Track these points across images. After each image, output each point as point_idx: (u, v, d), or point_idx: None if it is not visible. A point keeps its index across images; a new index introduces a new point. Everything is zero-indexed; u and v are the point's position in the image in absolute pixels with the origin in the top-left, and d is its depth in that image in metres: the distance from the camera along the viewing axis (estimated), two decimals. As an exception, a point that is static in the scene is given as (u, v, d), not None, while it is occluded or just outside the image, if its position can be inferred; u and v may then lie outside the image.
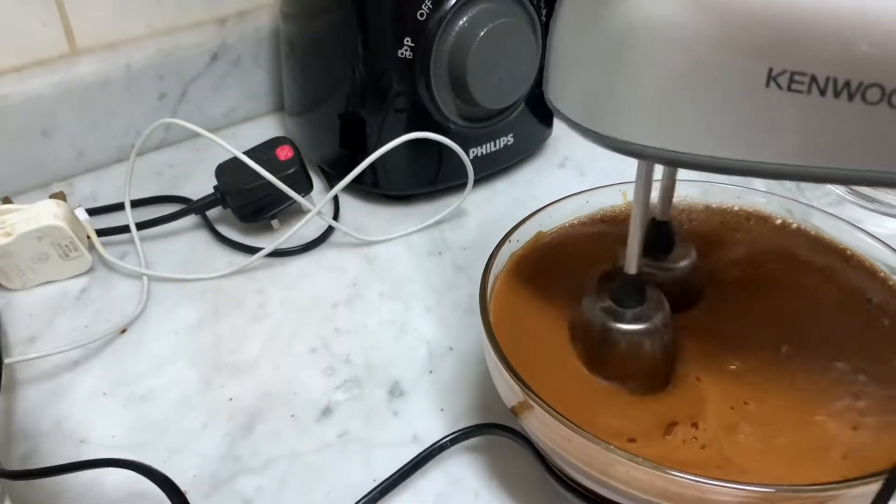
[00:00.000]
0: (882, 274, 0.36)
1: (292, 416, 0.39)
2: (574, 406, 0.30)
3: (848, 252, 0.38)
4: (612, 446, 0.27)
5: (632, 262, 0.31)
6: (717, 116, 0.24)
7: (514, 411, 0.32)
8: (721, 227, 0.40)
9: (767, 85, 0.23)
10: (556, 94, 0.28)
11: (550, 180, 0.56)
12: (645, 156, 0.26)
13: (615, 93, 0.25)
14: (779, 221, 0.40)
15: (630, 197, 0.41)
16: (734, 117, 0.24)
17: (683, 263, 0.35)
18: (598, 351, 0.32)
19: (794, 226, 0.39)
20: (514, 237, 0.37)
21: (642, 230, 0.30)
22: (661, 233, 0.35)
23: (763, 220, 0.40)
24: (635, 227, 0.30)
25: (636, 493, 0.28)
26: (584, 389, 0.32)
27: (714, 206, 0.41)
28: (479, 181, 0.54)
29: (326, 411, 0.39)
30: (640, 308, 0.31)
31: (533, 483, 0.35)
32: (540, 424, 0.30)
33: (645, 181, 0.29)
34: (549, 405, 0.29)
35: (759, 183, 0.44)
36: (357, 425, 0.38)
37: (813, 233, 0.39)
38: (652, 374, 0.32)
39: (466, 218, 0.52)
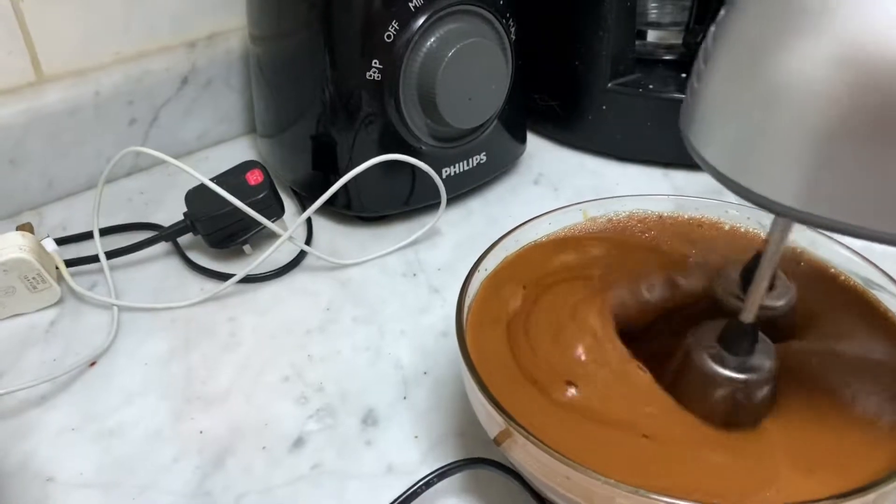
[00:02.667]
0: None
1: (264, 448, 0.38)
2: (564, 435, 0.29)
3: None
4: (608, 479, 0.27)
5: (751, 310, 0.29)
6: (863, 187, 0.23)
7: (498, 442, 0.32)
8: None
9: None
10: (701, 139, 0.27)
11: (525, 197, 0.56)
12: (784, 215, 0.25)
13: (761, 147, 0.24)
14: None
15: (590, 214, 0.40)
16: (881, 190, 0.23)
17: (781, 303, 0.34)
18: (698, 394, 0.31)
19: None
20: (483, 265, 0.37)
21: (768, 282, 0.29)
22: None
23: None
24: (762, 278, 0.29)
25: None
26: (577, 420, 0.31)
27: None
28: (452, 200, 0.53)
29: (299, 442, 0.38)
30: (750, 356, 0.30)
31: None
32: (527, 456, 0.29)
33: (779, 237, 0.28)
34: (537, 437, 0.28)
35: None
36: (330, 456, 0.38)
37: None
38: (746, 422, 0.31)
39: (441, 238, 0.52)
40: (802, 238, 0.39)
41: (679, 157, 0.57)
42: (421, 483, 0.34)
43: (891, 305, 0.35)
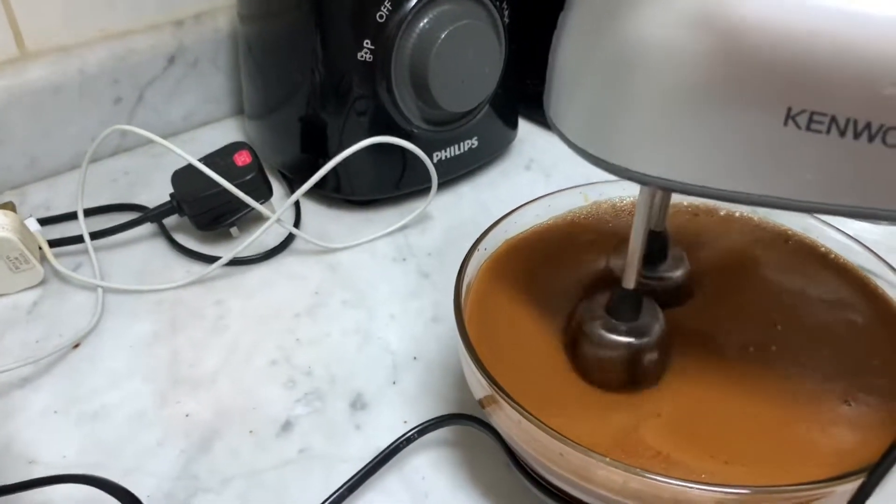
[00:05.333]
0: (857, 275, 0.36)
1: (251, 431, 0.38)
2: (547, 406, 0.29)
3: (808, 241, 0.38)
4: (589, 450, 0.27)
5: (630, 277, 0.30)
6: (726, 150, 0.23)
7: (483, 404, 0.32)
8: (692, 223, 0.40)
9: (785, 124, 0.22)
10: (557, 113, 0.27)
11: (516, 183, 0.55)
12: (646, 183, 0.25)
13: (616, 116, 0.25)
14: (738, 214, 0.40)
15: (591, 198, 0.40)
16: (746, 152, 0.23)
17: (678, 273, 0.35)
18: (593, 362, 0.32)
19: (756, 218, 0.39)
20: (482, 245, 0.36)
21: (641, 248, 0.29)
22: (656, 243, 0.35)
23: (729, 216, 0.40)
24: (635, 244, 0.29)
25: (609, 495, 0.27)
26: (558, 390, 0.32)
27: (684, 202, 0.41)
28: (443, 185, 0.53)
29: (286, 426, 0.38)
30: (637, 321, 0.31)
31: (498, 480, 0.35)
32: (513, 425, 0.29)
33: (646, 205, 0.28)
34: (523, 407, 0.28)
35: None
36: (318, 440, 0.37)
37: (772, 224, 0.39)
38: (645, 382, 0.32)
39: (431, 223, 0.51)
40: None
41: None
42: (402, 438, 0.35)
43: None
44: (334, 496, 0.33)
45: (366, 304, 0.45)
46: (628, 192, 0.40)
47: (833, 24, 0.21)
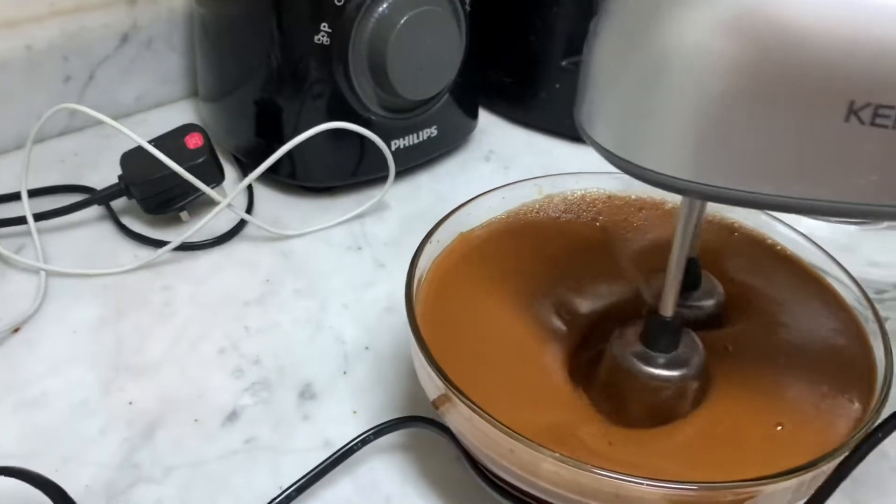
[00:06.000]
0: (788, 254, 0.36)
1: (196, 420, 0.37)
2: (500, 403, 0.28)
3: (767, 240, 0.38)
4: (534, 442, 0.26)
5: (668, 304, 0.28)
6: (778, 153, 0.22)
7: (436, 404, 0.31)
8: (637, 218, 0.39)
9: (847, 120, 0.21)
10: (591, 120, 0.26)
11: (475, 174, 0.55)
12: (689, 192, 0.24)
13: (657, 121, 0.23)
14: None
15: (545, 191, 0.40)
16: (802, 154, 0.22)
17: (709, 302, 0.34)
18: (623, 396, 0.30)
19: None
20: (434, 238, 0.36)
21: (682, 270, 0.28)
22: (688, 269, 0.32)
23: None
24: (674, 268, 0.28)
25: (560, 492, 0.27)
26: (512, 386, 0.31)
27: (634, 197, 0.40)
28: (401, 174, 0.52)
29: (233, 416, 0.37)
30: (675, 352, 0.29)
31: (454, 482, 0.34)
32: (463, 420, 0.29)
33: (686, 220, 0.27)
34: (471, 400, 0.28)
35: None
36: (265, 431, 0.36)
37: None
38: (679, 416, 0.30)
39: (388, 212, 0.51)
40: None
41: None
42: (357, 440, 0.34)
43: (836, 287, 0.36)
44: (281, 497, 0.32)
45: (318, 293, 0.44)
46: (581, 185, 0.40)
47: None
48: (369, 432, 0.34)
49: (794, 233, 0.37)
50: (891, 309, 0.40)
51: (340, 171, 0.51)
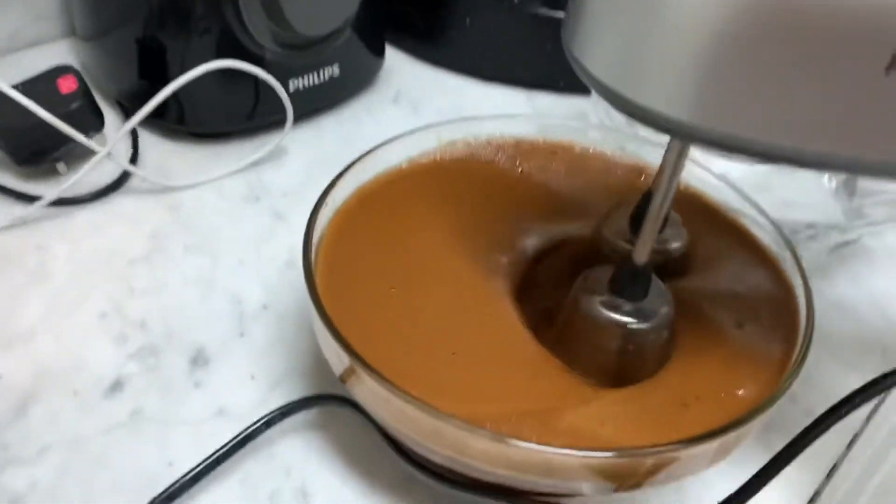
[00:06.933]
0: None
1: (75, 393, 0.33)
2: (414, 377, 0.26)
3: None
4: (446, 413, 0.24)
5: (643, 251, 0.26)
6: (798, 101, 0.19)
7: (343, 378, 0.29)
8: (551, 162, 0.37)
9: (888, 73, 0.18)
10: (586, 51, 0.22)
11: (382, 117, 0.52)
12: (681, 133, 0.21)
13: (651, 53, 0.20)
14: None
15: (445, 138, 0.37)
16: (833, 106, 0.19)
17: (676, 245, 0.31)
18: (589, 347, 0.28)
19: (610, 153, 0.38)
20: (337, 188, 0.33)
21: (662, 218, 0.25)
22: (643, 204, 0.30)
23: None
24: (655, 212, 0.25)
25: (491, 469, 0.25)
26: (425, 359, 0.28)
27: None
28: (302, 118, 0.49)
29: (116, 386, 0.34)
30: (644, 301, 0.27)
31: (368, 459, 0.32)
32: (370, 394, 0.27)
33: (673, 163, 0.24)
34: (376, 370, 0.26)
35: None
36: (152, 401, 0.33)
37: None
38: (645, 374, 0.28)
39: (287, 159, 0.47)
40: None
41: (544, 79, 0.54)
42: (260, 422, 0.31)
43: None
44: (174, 487, 0.29)
45: (211, 249, 0.41)
46: (487, 129, 0.38)
47: None
48: (275, 413, 0.31)
49: (709, 175, 0.36)
50: (805, 249, 0.39)
51: (234, 116, 0.47)
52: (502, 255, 0.32)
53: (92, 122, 0.43)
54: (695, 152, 0.35)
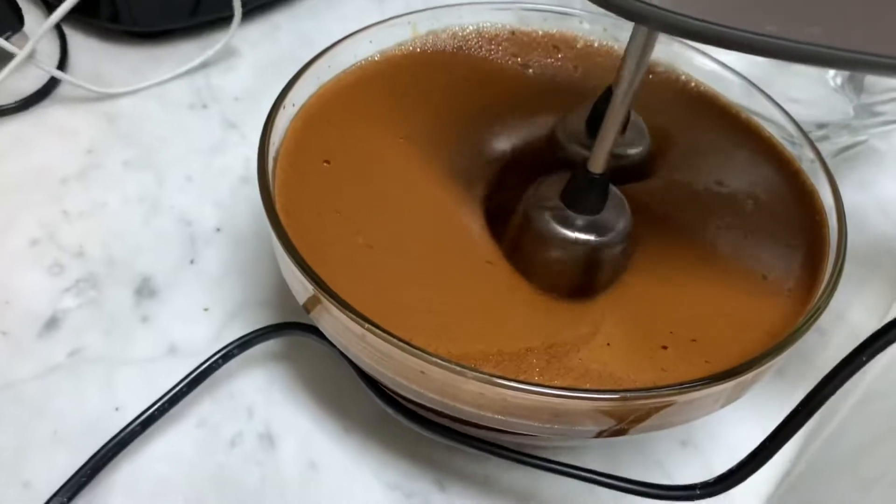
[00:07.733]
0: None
1: (4, 333, 0.30)
2: (380, 300, 0.23)
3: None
4: (437, 356, 0.21)
5: (600, 159, 0.23)
6: None
7: (307, 307, 0.25)
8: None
9: None
10: None
11: (342, 11, 0.47)
12: (649, 19, 0.18)
13: None
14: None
15: (420, 29, 0.32)
16: None
17: (637, 150, 0.28)
18: (539, 261, 0.25)
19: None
20: (290, 97, 0.28)
21: (622, 120, 0.22)
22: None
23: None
24: (613, 116, 0.22)
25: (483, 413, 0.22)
26: (394, 280, 0.25)
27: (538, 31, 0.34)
28: (254, 13, 0.44)
29: (52, 323, 0.30)
30: (599, 214, 0.24)
31: (339, 395, 0.29)
32: (342, 328, 0.23)
33: (635, 59, 0.21)
34: (351, 305, 0.22)
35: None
36: (93, 339, 0.30)
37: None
38: (599, 288, 0.25)
39: (238, 59, 0.42)
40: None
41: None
42: (216, 357, 0.28)
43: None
44: (124, 433, 0.26)
45: (154, 164, 0.37)
46: (468, 19, 0.33)
47: None
48: (232, 345, 0.28)
49: (715, 64, 0.32)
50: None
51: (175, 12, 0.42)
52: (482, 161, 0.29)
53: (10, 20, 0.38)
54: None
